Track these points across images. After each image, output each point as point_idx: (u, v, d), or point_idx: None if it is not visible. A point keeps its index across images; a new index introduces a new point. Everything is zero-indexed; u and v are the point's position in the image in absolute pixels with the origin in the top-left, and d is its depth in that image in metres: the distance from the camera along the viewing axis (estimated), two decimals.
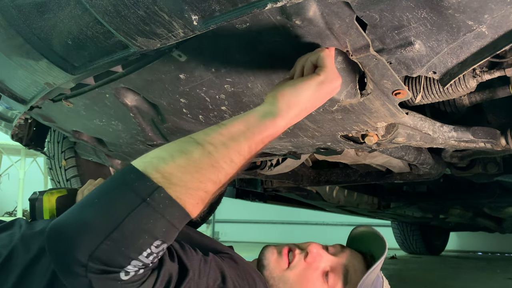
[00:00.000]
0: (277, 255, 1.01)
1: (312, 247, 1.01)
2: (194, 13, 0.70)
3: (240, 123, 0.71)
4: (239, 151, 0.69)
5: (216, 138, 0.69)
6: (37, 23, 0.82)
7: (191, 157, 0.66)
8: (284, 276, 0.98)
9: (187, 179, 0.64)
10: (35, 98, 1.11)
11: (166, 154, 0.67)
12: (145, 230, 0.61)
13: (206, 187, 0.66)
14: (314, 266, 0.99)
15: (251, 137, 0.70)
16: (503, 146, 1.26)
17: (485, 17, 0.72)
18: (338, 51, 0.83)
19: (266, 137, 0.72)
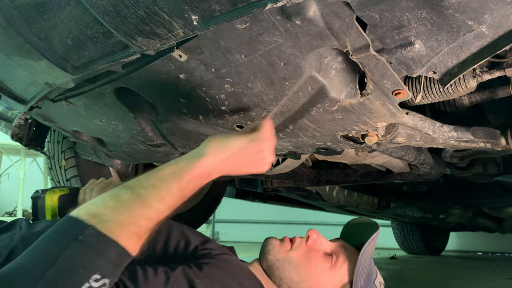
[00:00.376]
0: (280, 241, 1.06)
1: (312, 231, 1.06)
2: (194, 13, 0.70)
3: (171, 166, 0.79)
4: (169, 190, 0.75)
5: (146, 181, 0.76)
6: (37, 23, 0.82)
7: (120, 199, 0.72)
8: (289, 257, 1.01)
9: (117, 217, 0.70)
10: (35, 98, 1.11)
11: (98, 200, 0.73)
12: (80, 266, 0.65)
13: (137, 222, 0.70)
14: (315, 248, 1.03)
15: (180, 177, 0.77)
16: (503, 146, 1.26)
17: (485, 17, 0.72)
18: (338, 51, 0.83)
19: (194, 177, 0.79)
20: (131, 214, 0.70)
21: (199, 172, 0.79)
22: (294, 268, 1.00)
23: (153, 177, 0.77)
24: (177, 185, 0.76)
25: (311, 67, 0.86)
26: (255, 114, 1.03)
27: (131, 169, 1.84)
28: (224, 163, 0.83)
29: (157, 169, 0.79)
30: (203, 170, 0.80)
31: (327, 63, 0.86)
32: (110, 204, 0.71)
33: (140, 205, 0.72)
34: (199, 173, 0.79)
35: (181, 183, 0.77)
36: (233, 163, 0.84)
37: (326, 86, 0.90)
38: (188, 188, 0.78)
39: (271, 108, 1.00)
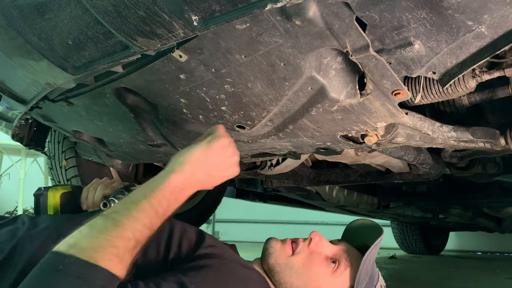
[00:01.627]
0: (281, 243, 1.05)
1: (314, 234, 1.05)
2: (194, 13, 0.70)
3: (143, 188, 0.81)
4: (141, 210, 0.76)
5: (119, 206, 0.79)
6: (37, 24, 0.82)
7: (94, 225, 0.74)
8: (290, 262, 1.00)
9: (93, 241, 0.71)
10: (36, 98, 1.12)
11: (76, 232, 0.74)
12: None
13: (114, 243, 0.71)
14: (317, 251, 1.02)
15: (152, 196, 0.79)
16: (503, 146, 1.26)
17: (484, 17, 0.72)
18: (338, 52, 0.84)
19: (168, 193, 0.80)
20: (106, 237, 0.71)
21: (172, 187, 0.81)
22: (294, 274, 0.99)
23: (126, 202, 0.79)
24: (148, 204, 0.77)
25: (311, 67, 0.86)
26: (255, 114, 1.03)
27: (131, 169, 1.84)
28: (193, 172, 0.84)
29: (130, 195, 0.81)
30: (174, 185, 0.81)
31: (327, 63, 0.86)
32: (85, 233, 0.73)
33: (114, 227, 0.73)
34: (172, 188, 0.81)
35: (153, 201, 0.78)
36: (202, 170, 0.86)
37: (326, 86, 0.90)
38: (162, 205, 0.79)
39: (271, 108, 1.00)
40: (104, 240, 0.71)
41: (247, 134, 1.14)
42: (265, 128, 1.11)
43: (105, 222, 0.74)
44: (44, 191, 1.12)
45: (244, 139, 1.18)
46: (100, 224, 0.74)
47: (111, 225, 0.73)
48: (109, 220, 0.74)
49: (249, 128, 1.10)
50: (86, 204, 1.11)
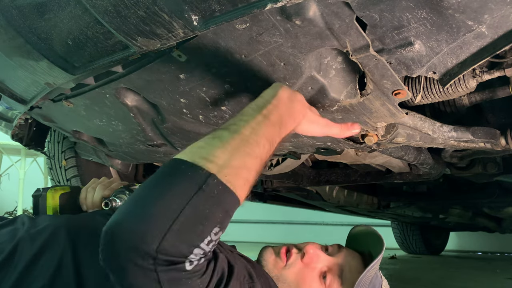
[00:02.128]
0: (275, 255, 1.02)
1: (309, 247, 1.01)
2: (194, 13, 0.70)
3: (249, 107, 0.79)
4: (258, 122, 0.75)
5: (234, 120, 0.76)
6: (37, 23, 0.82)
7: (221, 137, 0.71)
8: (282, 275, 0.98)
9: (229, 160, 0.68)
10: (35, 98, 1.11)
11: (202, 143, 0.71)
12: (204, 217, 0.63)
13: (246, 163, 0.70)
14: (311, 266, 0.99)
15: (263, 108, 0.78)
16: (503, 146, 1.26)
17: (485, 17, 0.72)
18: (338, 51, 0.83)
19: (274, 106, 0.79)
20: (239, 154, 0.69)
21: (278, 100, 0.80)
22: (287, 287, 0.97)
23: (237, 116, 0.77)
24: (261, 115, 0.76)
25: (311, 67, 0.86)
26: None
27: (131, 169, 1.84)
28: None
29: (239, 114, 0.79)
30: (281, 97, 0.80)
31: (327, 63, 0.86)
32: (217, 144, 0.69)
33: (241, 141, 0.71)
34: (277, 102, 0.79)
35: (264, 112, 0.77)
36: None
37: (326, 86, 0.90)
38: (274, 115, 0.77)
39: None
40: (239, 158, 0.69)
41: None
42: None
43: (231, 135, 0.71)
44: (43, 192, 1.12)
45: None
46: (227, 137, 0.71)
47: (238, 139, 0.71)
48: (234, 132, 0.72)
49: None
50: (86, 204, 1.11)
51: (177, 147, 1.33)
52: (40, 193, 1.12)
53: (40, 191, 1.12)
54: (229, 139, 0.70)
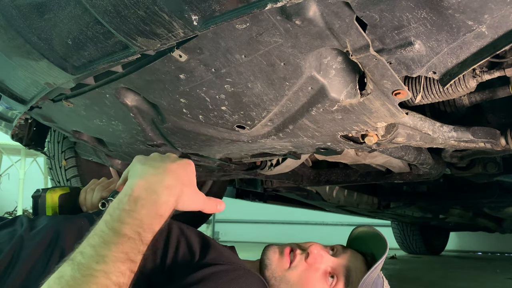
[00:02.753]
0: (279, 255, 1.01)
1: (313, 247, 1.01)
2: (194, 13, 0.70)
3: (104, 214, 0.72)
4: (107, 242, 0.66)
5: (84, 245, 0.67)
6: (37, 23, 0.82)
7: (63, 279, 0.62)
8: (286, 277, 0.98)
9: None
10: (35, 98, 1.11)
11: (45, 285, 0.63)
12: None
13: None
14: (314, 267, 0.99)
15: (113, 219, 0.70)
16: (503, 146, 1.26)
17: (485, 17, 0.72)
18: (338, 51, 0.83)
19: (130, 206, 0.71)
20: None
21: (131, 204, 0.71)
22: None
23: (88, 237, 0.69)
24: (112, 233, 0.67)
25: (311, 67, 0.86)
26: (255, 114, 1.03)
27: None
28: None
29: (92, 229, 0.70)
30: (136, 195, 0.72)
31: (327, 63, 0.86)
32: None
33: (85, 279, 0.61)
34: (132, 204, 0.71)
35: (116, 227, 0.68)
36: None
37: (326, 86, 0.90)
38: (126, 229, 0.68)
39: (271, 108, 1.00)
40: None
41: (247, 134, 1.14)
42: (265, 128, 1.11)
43: (73, 273, 0.62)
44: (42, 192, 1.12)
45: (244, 139, 1.18)
46: (69, 278, 0.61)
47: (81, 278, 0.61)
48: (77, 270, 0.62)
49: (249, 128, 1.10)
50: (85, 205, 1.11)
51: (177, 147, 1.33)
52: (40, 194, 1.12)
53: (40, 192, 1.12)
54: (70, 280, 0.61)
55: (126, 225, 0.68)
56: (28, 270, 0.82)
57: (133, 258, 0.66)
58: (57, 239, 0.88)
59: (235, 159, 1.48)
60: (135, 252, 0.67)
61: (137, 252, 0.67)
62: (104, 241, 0.66)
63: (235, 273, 0.88)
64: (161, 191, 0.73)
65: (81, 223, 0.94)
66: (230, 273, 0.87)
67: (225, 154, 1.40)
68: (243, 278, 0.88)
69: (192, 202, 0.78)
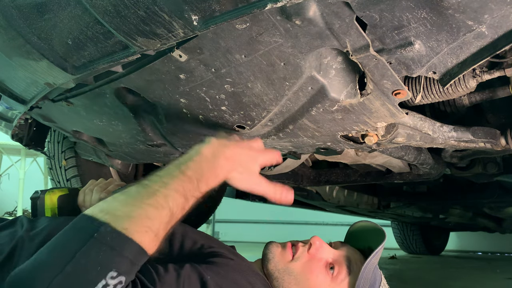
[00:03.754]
0: (281, 248, 1.03)
1: (315, 239, 1.03)
2: (194, 13, 0.70)
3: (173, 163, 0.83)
4: (173, 176, 0.78)
5: (151, 175, 0.79)
6: (37, 23, 0.82)
7: (129, 192, 0.75)
8: (289, 268, 0.99)
9: (128, 210, 0.71)
10: (35, 98, 1.11)
11: (110, 198, 0.75)
12: (96, 263, 0.65)
13: (148, 213, 0.71)
14: (317, 257, 1.01)
15: (181, 163, 0.81)
16: (503, 146, 1.26)
17: (485, 17, 0.72)
18: (338, 51, 0.83)
19: (198, 159, 0.83)
20: (141, 206, 0.71)
21: (198, 157, 0.83)
22: (293, 280, 0.98)
23: (157, 172, 0.79)
24: (179, 171, 0.79)
25: (311, 67, 0.86)
26: (255, 114, 1.03)
27: (131, 169, 1.84)
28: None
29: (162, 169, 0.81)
30: (204, 154, 0.84)
31: (327, 63, 0.86)
32: (120, 199, 0.73)
33: (147, 194, 0.73)
34: (199, 158, 0.83)
35: (183, 168, 0.79)
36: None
37: (326, 86, 0.90)
38: (192, 170, 0.80)
39: (271, 108, 1.00)
40: (139, 208, 0.71)
41: (247, 134, 1.14)
42: (265, 128, 1.11)
43: (138, 189, 0.74)
44: (41, 194, 1.11)
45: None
46: (133, 191, 0.74)
47: (143, 192, 0.73)
48: (142, 187, 0.75)
49: (249, 128, 1.10)
50: (84, 206, 1.11)
51: (177, 147, 1.33)
52: (38, 196, 1.11)
53: (38, 193, 1.12)
54: (135, 193, 0.74)
55: (190, 169, 0.80)
56: None
57: (188, 197, 0.78)
58: None
59: None
60: (191, 193, 0.78)
61: (192, 194, 0.78)
62: (169, 173, 0.78)
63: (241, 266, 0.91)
64: (221, 157, 0.85)
65: None
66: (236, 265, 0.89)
67: None
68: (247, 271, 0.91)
69: (244, 181, 0.88)
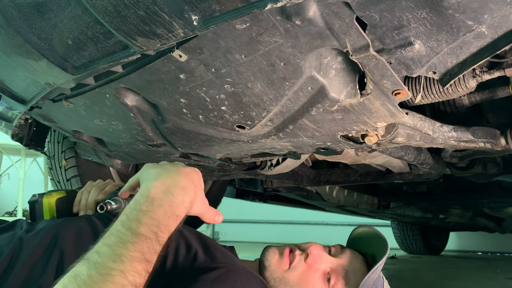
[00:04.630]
0: (279, 256, 1.01)
1: (312, 248, 1.01)
2: (194, 13, 0.70)
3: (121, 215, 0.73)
4: (125, 242, 0.67)
5: (99, 245, 0.67)
6: (37, 23, 0.82)
7: (80, 279, 0.62)
8: (285, 278, 0.98)
9: None
10: (35, 98, 1.11)
11: (59, 284, 0.63)
12: None
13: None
14: (314, 267, 0.98)
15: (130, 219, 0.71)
16: (503, 146, 1.26)
17: (485, 17, 0.72)
18: (338, 51, 0.83)
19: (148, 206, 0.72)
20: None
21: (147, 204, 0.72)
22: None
23: (104, 237, 0.69)
24: (130, 232, 0.68)
25: (311, 67, 0.86)
26: (255, 114, 1.03)
27: (131, 169, 1.84)
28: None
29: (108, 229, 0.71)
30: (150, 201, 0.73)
31: (327, 63, 0.86)
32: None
33: (101, 278, 0.61)
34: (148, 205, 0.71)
35: (133, 227, 0.68)
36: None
37: (326, 86, 0.90)
38: (143, 228, 0.68)
39: (271, 108, 1.00)
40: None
41: (247, 134, 1.14)
42: (265, 128, 1.11)
43: (89, 272, 0.62)
44: (39, 197, 1.10)
45: (244, 139, 1.18)
46: (85, 277, 0.61)
47: (98, 277, 0.61)
48: (94, 269, 0.62)
49: (249, 128, 1.10)
50: (79, 207, 1.10)
51: (177, 147, 1.33)
52: (36, 199, 1.10)
53: (36, 197, 1.11)
54: (87, 279, 0.61)
55: (143, 225, 0.68)
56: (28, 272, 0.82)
57: (149, 258, 0.67)
58: (56, 240, 0.88)
59: (235, 159, 1.48)
60: (151, 252, 0.67)
61: (153, 252, 0.68)
62: (121, 240, 0.66)
63: (236, 275, 0.87)
64: (177, 192, 0.74)
65: (80, 225, 0.94)
66: (231, 275, 0.86)
67: (225, 154, 1.41)
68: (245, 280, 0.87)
69: (201, 205, 0.80)
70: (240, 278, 0.87)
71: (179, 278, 0.85)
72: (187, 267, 0.89)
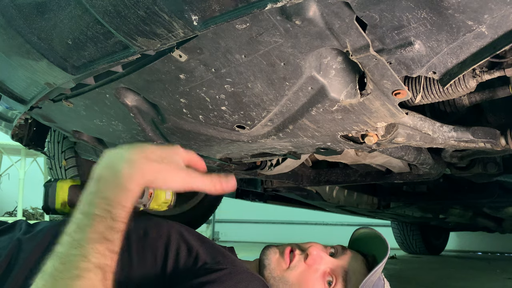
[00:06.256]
0: (279, 255, 1.01)
1: (313, 248, 1.00)
2: (194, 13, 0.70)
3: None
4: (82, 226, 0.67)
5: (62, 237, 0.67)
6: (37, 23, 0.82)
7: (45, 272, 0.63)
8: (284, 277, 0.98)
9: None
10: (35, 98, 1.11)
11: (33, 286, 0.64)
12: None
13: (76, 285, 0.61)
14: (313, 268, 0.99)
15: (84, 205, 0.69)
16: (503, 146, 1.26)
17: (485, 17, 0.72)
18: (338, 51, 0.83)
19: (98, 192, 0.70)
20: (65, 285, 0.60)
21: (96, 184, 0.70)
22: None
23: (66, 228, 0.68)
24: (83, 215, 0.67)
25: (311, 67, 0.86)
26: (255, 114, 1.03)
27: None
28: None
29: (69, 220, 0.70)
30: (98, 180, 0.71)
31: (327, 63, 0.86)
32: (40, 285, 0.62)
33: (64, 267, 0.61)
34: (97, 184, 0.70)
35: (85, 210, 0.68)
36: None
37: (326, 86, 0.90)
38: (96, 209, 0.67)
39: (271, 108, 1.00)
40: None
41: (247, 134, 1.14)
42: (265, 128, 1.11)
43: (53, 263, 0.62)
44: (53, 182, 1.12)
45: (244, 139, 1.18)
46: (50, 270, 0.62)
47: (61, 266, 0.61)
48: (57, 260, 0.63)
49: (249, 128, 1.10)
50: None
51: None
52: (51, 183, 1.11)
53: (51, 181, 1.12)
54: (52, 271, 0.62)
55: (95, 205, 0.67)
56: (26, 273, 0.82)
57: (109, 237, 0.65)
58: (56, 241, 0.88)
59: (235, 159, 1.48)
60: (109, 231, 0.66)
61: (112, 230, 0.66)
62: (78, 226, 0.66)
63: (237, 277, 0.87)
64: (120, 165, 0.71)
65: None
66: (233, 276, 0.86)
67: (225, 154, 1.40)
68: (247, 281, 0.88)
69: (176, 178, 0.74)
70: (242, 280, 0.87)
71: (180, 280, 0.85)
72: (188, 269, 0.89)
